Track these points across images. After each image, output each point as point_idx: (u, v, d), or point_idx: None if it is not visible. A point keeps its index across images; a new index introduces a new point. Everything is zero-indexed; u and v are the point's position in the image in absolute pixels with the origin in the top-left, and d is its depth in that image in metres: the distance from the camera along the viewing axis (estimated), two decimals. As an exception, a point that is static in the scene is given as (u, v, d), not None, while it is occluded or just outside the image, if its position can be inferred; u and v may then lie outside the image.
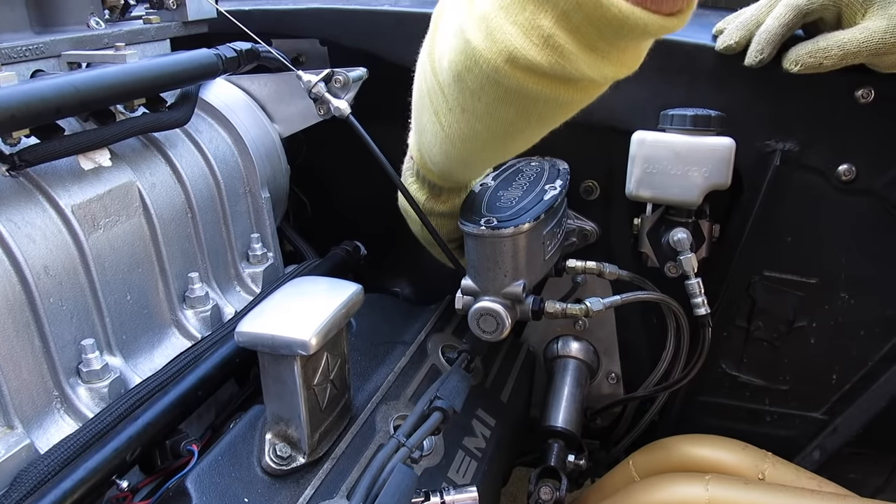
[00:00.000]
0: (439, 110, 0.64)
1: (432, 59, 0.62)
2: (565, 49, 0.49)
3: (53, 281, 0.66)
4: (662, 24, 0.47)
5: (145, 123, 0.77)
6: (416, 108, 0.71)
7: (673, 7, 0.47)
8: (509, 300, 0.81)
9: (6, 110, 0.58)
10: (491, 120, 0.60)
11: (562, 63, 0.50)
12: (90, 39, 0.82)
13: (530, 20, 0.49)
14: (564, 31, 0.49)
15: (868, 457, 1.01)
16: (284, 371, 0.66)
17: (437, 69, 0.61)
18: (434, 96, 0.64)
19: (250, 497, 0.65)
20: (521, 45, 0.50)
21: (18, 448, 0.60)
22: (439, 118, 0.65)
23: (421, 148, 0.76)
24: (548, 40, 0.49)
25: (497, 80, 0.54)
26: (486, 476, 0.82)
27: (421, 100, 0.68)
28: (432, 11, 0.97)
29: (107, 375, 0.70)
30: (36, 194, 0.67)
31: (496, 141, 0.66)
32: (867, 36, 0.77)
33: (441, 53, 0.59)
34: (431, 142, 0.70)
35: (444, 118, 0.64)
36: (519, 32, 0.50)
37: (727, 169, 0.87)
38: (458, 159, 0.72)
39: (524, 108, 0.57)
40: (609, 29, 0.47)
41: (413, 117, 0.75)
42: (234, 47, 0.88)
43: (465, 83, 0.57)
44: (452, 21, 0.57)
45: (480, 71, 0.54)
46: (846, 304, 0.95)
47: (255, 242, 0.95)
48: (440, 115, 0.64)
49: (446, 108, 0.63)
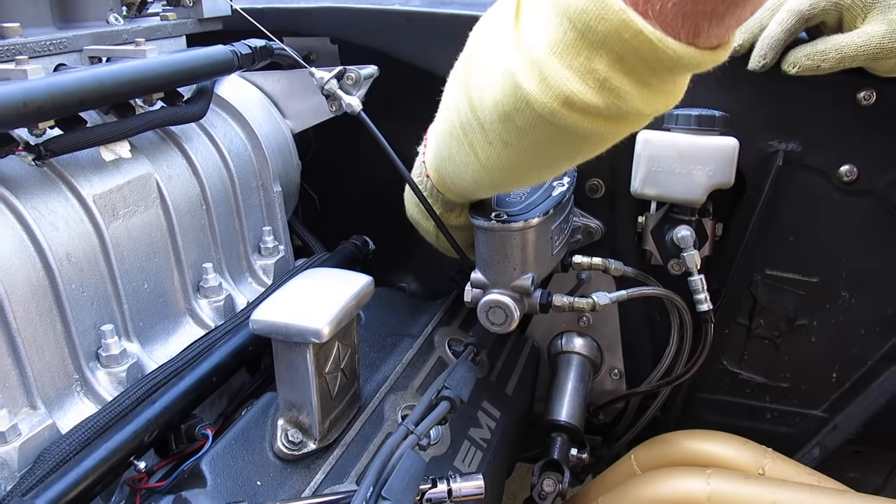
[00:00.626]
0: (476, 143, 0.63)
1: (469, 93, 0.61)
2: (621, 90, 0.50)
3: (75, 268, 0.68)
4: (713, 58, 0.49)
5: (163, 117, 0.79)
6: (443, 136, 0.70)
7: (720, 40, 0.49)
8: (518, 293, 0.83)
9: (34, 102, 0.60)
10: (535, 154, 0.60)
11: (617, 103, 0.51)
12: (110, 35, 0.84)
13: (585, 64, 0.49)
14: (620, 73, 0.49)
15: (868, 455, 1.03)
16: (297, 358, 0.67)
17: (476, 105, 0.60)
18: (470, 129, 0.63)
19: (263, 480, 0.67)
20: (577, 90, 0.50)
21: (41, 427, 0.62)
22: (475, 150, 0.64)
23: (441, 171, 0.75)
24: (604, 83, 0.50)
25: (550, 121, 0.54)
26: (492, 466, 0.84)
27: (452, 131, 0.67)
28: (444, 11, 1.00)
29: (125, 360, 0.71)
30: (59, 183, 0.69)
31: (534, 171, 0.67)
32: (865, 40, 0.78)
33: (482, 91, 0.59)
34: (460, 169, 0.69)
35: (482, 151, 0.63)
36: (575, 77, 0.50)
37: (730, 168, 0.89)
38: (490, 186, 0.72)
39: (572, 143, 0.57)
40: (663, 68, 0.48)
41: (435, 141, 0.74)
42: (249, 44, 0.89)
43: (513, 122, 0.57)
44: (494, 61, 0.56)
45: (533, 113, 0.54)
46: (847, 304, 0.97)
47: (266, 235, 0.97)
48: (476, 147, 0.64)
49: (485, 142, 0.62)
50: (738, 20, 0.47)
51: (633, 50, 0.47)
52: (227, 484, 0.65)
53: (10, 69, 0.65)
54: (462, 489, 0.70)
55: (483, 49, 0.59)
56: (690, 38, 0.47)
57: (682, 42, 0.47)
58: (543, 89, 0.52)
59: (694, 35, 0.47)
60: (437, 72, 1.00)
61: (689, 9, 0.45)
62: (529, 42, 0.52)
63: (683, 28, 0.46)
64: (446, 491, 0.68)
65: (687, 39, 0.47)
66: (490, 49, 0.58)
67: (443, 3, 1.03)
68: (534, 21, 0.52)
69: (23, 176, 0.67)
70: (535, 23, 0.52)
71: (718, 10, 0.45)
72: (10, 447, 0.60)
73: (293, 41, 1.09)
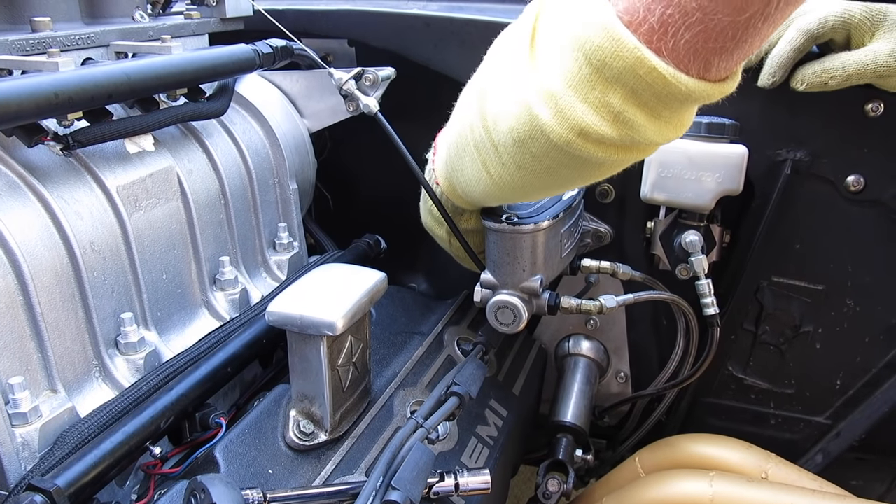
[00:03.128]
0: (489, 163, 0.65)
1: (484, 115, 0.62)
2: (635, 122, 0.52)
3: (98, 256, 0.70)
4: (722, 90, 0.51)
5: (186, 112, 0.81)
6: (455, 150, 0.71)
7: (729, 72, 0.51)
8: (527, 294, 0.84)
9: (65, 93, 0.61)
10: (548, 177, 0.62)
11: (631, 134, 0.53)
12: (136, 31, 0.86)
13: (600, 98, 0.51)
14: (633, 107, 0.51)
15: (870, 462, 1.04)
16: (311, 351, 0.69)
17: (490, 128, 0.62)
18: (483, 149, 0.64)
19: (274, 469, 0.69)
20: (592, 122, 0.52)
21: (61, 410, 0.64)
22: (488, 169, 0.66)
23: (453, 180, 0.77)
24: (618, 116, 0.51)
25: (565, 150, 0.55)
26: (498, 463, 0.85)
27: (465, 147, 0.68)
28: (460, 16, 1.02)
29: (143, 348, 0.73)
30: (84, 174, 0.71)
31: (546, 191, 0.69)
32: (872, 59, 0.80)
33: (497, 115, 0.60)
34: (472, 184, 0.71)
35: (495, 171, 0.65)
36: (590, 110, 0.52)
37: (739, 175, 0.90)
38: (500, 199, 0.74)
39: (585, 169, 0.59)
40: (675, 101, 0.50)
41: (446, 152, 0.75)
42: (270, 44, 0.91)
43: (528, 149, 0.58)
44: (510, 87, 0.58)
45: (548, 141, 0.55)
46: (852, 312, 0.98)
47: (282, 231, 0.98)
48: (490, 166, 0.65)
49: (499, 163, 0.63)
50: (745, 54, 0.49)
51: (647, 85, 0.49)
52: (239, 471, 0.66)
53: (42, 61, 0.67)
54: (469, 484, 0.72)
55: (499, 74, 0.61)
56: (701, 73, 0.49)
57: (694, 77, 0.48)
58: (559, 121, 0.53)
59: (705, 70, 0.49)
60: (451, 75, 1.01)
61: (701, 46, 0.47)
62: (545, 73, 0.54)
63: (695, 64, 0.48)
64: (453, 485, 0.70)
65: (698, 74, 0.49)
66: (506, 75, 0.59)
67: (459, 8, 1.05)
68: (549, 52, 0.54)
69: (50, 165, 0.69)
70: (551, 54, 0.54)
71: (728, 47, 0.47)
72: (32, 428, 0.61)
73: (311, 42, 1.11)
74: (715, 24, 0.45)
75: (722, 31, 0.45)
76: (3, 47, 0.71)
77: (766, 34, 0.47)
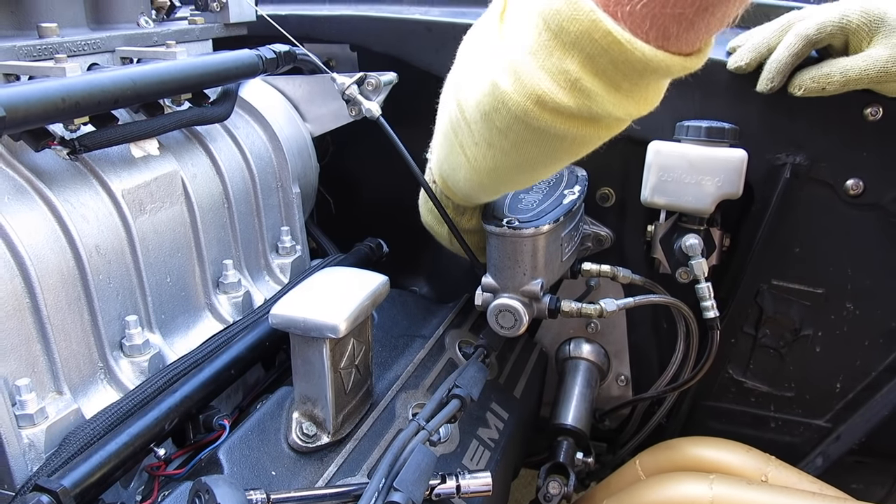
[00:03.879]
0: (465, 143, 0.65)
1: (458, 95, 0.63)
2: (592, 91, 0.51)
3: (103, 259, 0.71)
4: (684, 64, 0.50)
5: (191, 117, 0.81)
6: (440, 138, 0.73)
7: (692, 47, 0.50)
8: (527, 298, 0.85)
9: (72, 98, 0.62)
10: (517, 155, 0.61)
11: (588, 104, 0.52)
12: (141, 37, 0.87)
13: (557, 65, 0.51)
14: (590, 75, 0.50)
15: (871, 466, 1.04)
16: (313, 353, 0.70)
17: (463, 106, 0.62)
18: (459, 130, 0.65)
19: (277, 471, 0.69)
20: (549, 89, 0.52)
21: (67, 412, 0.64)
22: (465, 151, 0.66)
23: (443, 173, 0.78)
24: (575, 83, 0.51)
25: (525, 121, 0.55)
26: (499, 465, 0.85)
27: (446, 132, 0.69)
28: (462, 21, 1.02)
29: (147, 350, 0.74)
30: (90, 178, 0.72)
31: (520, 174, 0.68)
32: (869, 64, 0.81)
33: (467, 92, 0.61)
34: (455, 170, 0.72)
35: (470, 151, 0.65)
36: (547, 77, 0.51)
37: (739, 179, 0.91)
38: (482, 187, 0.74)
39: (550, 145, 0.59)
40: (633, 71, 0.50)
41: (436, 143, 0.76)
42: (273, 49, 0.92)
43: (493, 122, 0.58)
44: (479, 62, 0.58)
45: (508, 112, 0.55)
46: (851, 315, 0.98)
47: (284, 235, 0.99)
48: (466, 147, 0.66)
49: (472, 143, 0.64)
50: (709, 27, 0.48)
51: (603, 51, 0.48)
52: (242, 473, 0.67)
53: (49, 67, 0.68)
54: (470, 485, 0.72)
55: (470, 51, 0.61)
56: (660, 42, 0.48)
57: (652, 45, 0.48)
58: (517, 88, 0.53)
59: (663, 38, 0.48)
60: (448, 78, 1.02)
61: (658, 10, 0.46)
62: (509, 44, 0.54)
63: (652, 31, 0.47)
64: (455, 487, 0.70)
65: (656, 43, 0.48)
66: (476, 51, 0.60)
67: (461, 14, 1.06)
68: (515, 23, 0.54)
69: (57, 169, 0.70)
70: (516, 25, 0.54)
71: (686, 14, 0.46)
72: (38, 429, 0.62)
73: (313, 47, 1.11)
74: None
75: None
76: (11, 53, 0.72)
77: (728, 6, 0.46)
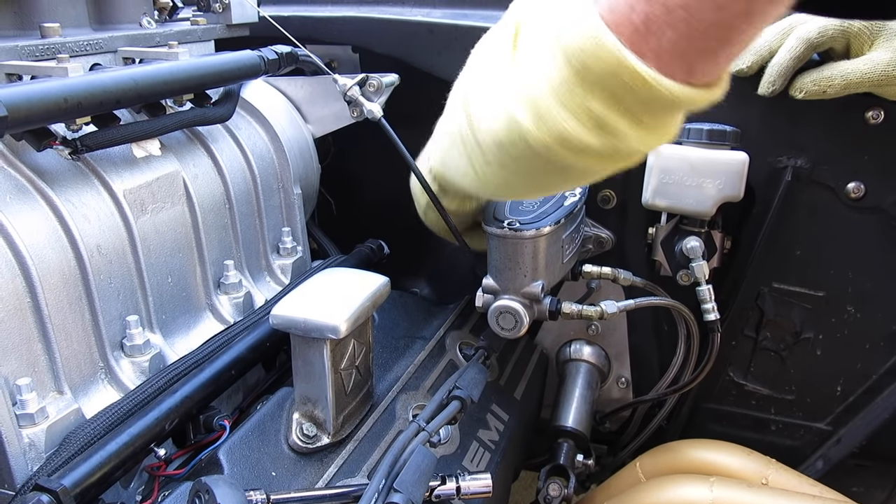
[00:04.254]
0: (474, 159, 0.63)
1: (468, 114, 0.61)
2: (617, 129, 0.50)
3: (104, 259, 0.71)
4: (707, 96, 0.49)
5: (192, 117, 0.81)
6: (445, 141, 0.70)
7: (714, 77, 0.49)
8: (528, 299, 0.85)
9: (74, 98, 0.62)
10: (530, 179, 0.60)
11: (614, 143, 0.51)
12: (143, 37, 0.87)
13: (580, 103, 0.49)
14: (616, 113, 0.49)
15: (871, 469, 1.04)
16: (314, 354, 0.70)
17: (474, 126, 0.60)
18: (469, 145, 0.63)
19: (277, 471, 0.69)
20: (572, 129, 0.50)
21: (68, 411, 0.64)
22: (473, 164, 0.64)
23: (445, 171, 0.75)
24: (599, 122, 0.49)
25: (545, 157, 0.54)
26: (499, 467, 0.85)
27: (454, 139, 0.66)
28: (464, 23, 1.02)
29: (148, 351, 0.74)
30: (92, 178, 0.72)
31: (531, 193, 0.68)
32: (870, 67, 0.81)
33: (480, 116, 0.59)
34: (460, 176, 0.69)
35: (479, 167, 0.63)
36: (570, 116, 0.50)
37: (740, 182, 0.91)
38: (486, 196, 0.73)
39: (566, 175, 0.58)
40: (660, 108, 0.49)
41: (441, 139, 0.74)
42: (276, 50, 0.92)
43: (509, 151, 0.56)
44: (491, 85, 0.56)
45: (528, 147, 0.54)
46: (852, 318, 0.98)
47: (285, 236, 0.99)
48: (474, 162, 0.64)
49: (483, 161, 0.62)
50: (730, 57, 0.48)
51: (630, 90, 0.47)
52: (242, 473, 0.67)
53: (51, 67, 0.68)
54: (470, 487, 0.72)
55: (482, 73, 0.59)
56: (684, 77, 0.47)
57: (678, 81, 0.47)
58: (539, 126, 0.52)
59: (688, 73, 0.47)
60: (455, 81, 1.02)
61: (685, 46, 0.45)
62: (526, 76, 0.52)
63: (679, 67, 0.47)
64: (455, 488, 0.70)
65: (681, 78, 0.47)
66: (488, 75, 0.58)
67: (463, 16, 1.06)
68: (531, 53, 0.52)
69: (58, 169, 0.70)
70: (532, 56, 0.52)
71: (711, 47, 0.46)
72: (38, 429, 0.62)
73: (315, 48, 1.11)
74: (698, 23, 0.44)
75: (705, 29, 0.44)
76: (13, 53, 0.72)
77: (749, 35, 0.46)
